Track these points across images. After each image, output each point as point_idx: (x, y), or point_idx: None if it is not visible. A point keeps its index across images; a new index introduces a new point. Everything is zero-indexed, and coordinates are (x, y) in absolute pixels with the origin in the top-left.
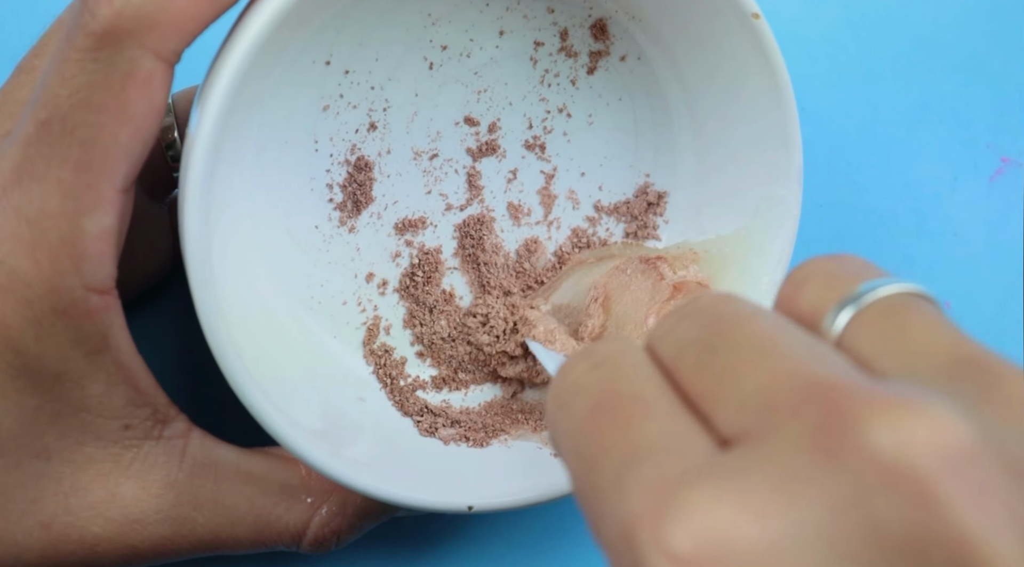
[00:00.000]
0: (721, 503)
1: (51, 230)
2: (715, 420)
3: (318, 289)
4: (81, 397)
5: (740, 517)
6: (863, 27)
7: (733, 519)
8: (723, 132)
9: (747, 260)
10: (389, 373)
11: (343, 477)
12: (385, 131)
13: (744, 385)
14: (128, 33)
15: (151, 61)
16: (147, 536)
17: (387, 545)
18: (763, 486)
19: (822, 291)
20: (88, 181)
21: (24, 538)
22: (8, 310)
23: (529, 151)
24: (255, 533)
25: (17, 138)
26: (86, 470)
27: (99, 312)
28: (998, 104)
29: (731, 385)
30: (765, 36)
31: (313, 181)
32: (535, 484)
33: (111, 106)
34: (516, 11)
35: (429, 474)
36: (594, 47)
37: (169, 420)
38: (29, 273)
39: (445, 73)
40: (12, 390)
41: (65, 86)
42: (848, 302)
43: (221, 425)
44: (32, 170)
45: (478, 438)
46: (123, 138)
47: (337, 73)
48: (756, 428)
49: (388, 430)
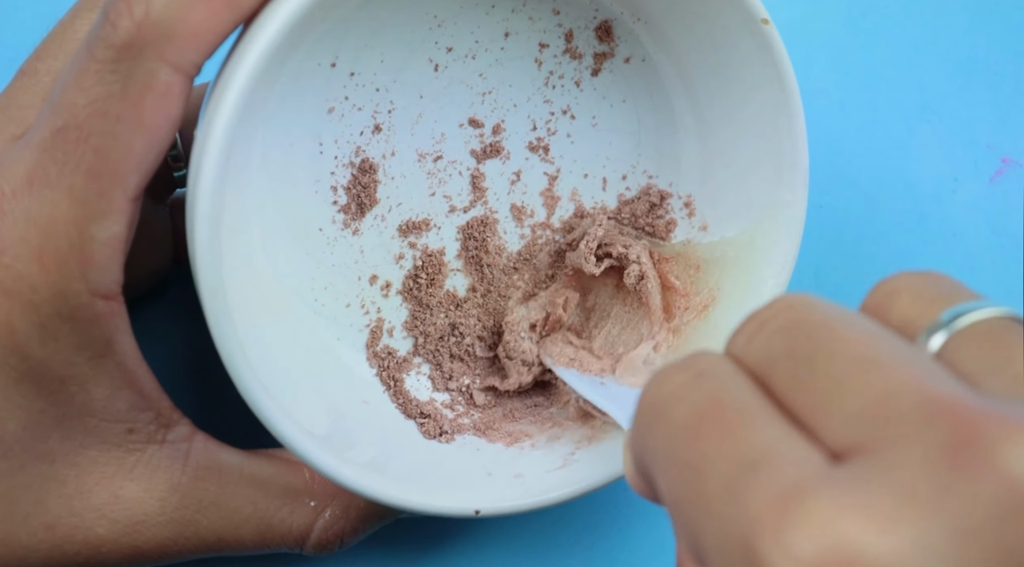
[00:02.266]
0: (846, 511)
1: (60, 236)
2: (822, 433)
3: (322, 291)
4: (85, 401)
5: (866, 527)
6: (863, 27)
7: (859, 528)
8: (728, 135)
9: (752, 263)
10: (392, 375)
11: (349, 482)
12: (390, 133)
13: (854, 398)
14: (148, 45)
15: (169, 73)
16: (151, 538)
17: (389, 547)
18: (889, 498)
19: (917, 307)
20: (100, 189)
21: (29, 539)
22: (14, 314)
23: (533, 153)
24: (258, 536)
25: (32, 143)
26: (90, 473)
27: (104, 317)
28: (998, 104)
29: (839, 398)
30: (774, 42)
31: (318, 183)
32: (541, 487)
33: (128, 117)
34: (522, 13)
35: (434, 478)
36: (599, 49)
37: (173, 424)
38: (35, 277)
39: (450, 75)
40: (17, 393)
41: (83, 95)
42: (947, 320)
43: (224, 428)
44: (44, 176)
45: (482, 440)
46: (137, 148)
47: (342, 75)
48: (872, 441)
49: (392, 433)
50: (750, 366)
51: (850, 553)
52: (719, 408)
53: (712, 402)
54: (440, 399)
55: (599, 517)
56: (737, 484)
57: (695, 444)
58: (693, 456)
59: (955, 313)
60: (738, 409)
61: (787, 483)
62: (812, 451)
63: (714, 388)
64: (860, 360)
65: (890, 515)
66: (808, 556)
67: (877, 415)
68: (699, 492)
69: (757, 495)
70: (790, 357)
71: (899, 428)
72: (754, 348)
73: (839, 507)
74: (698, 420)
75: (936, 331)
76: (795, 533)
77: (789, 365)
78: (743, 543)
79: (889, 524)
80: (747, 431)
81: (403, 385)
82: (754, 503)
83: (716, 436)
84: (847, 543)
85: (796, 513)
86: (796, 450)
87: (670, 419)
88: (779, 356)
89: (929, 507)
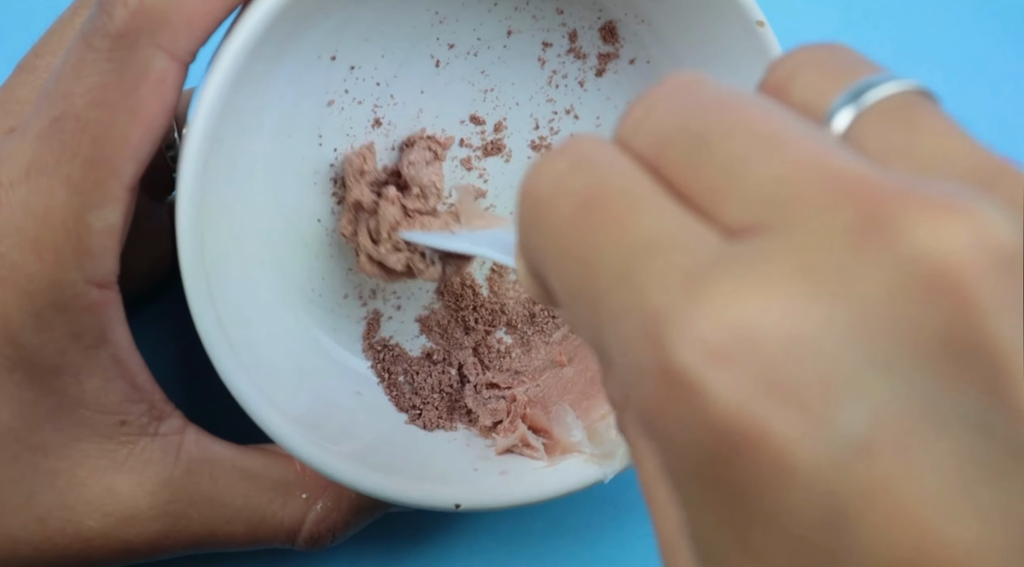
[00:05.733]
0: (750, 292)
1: (56, 224)
2: (718, 215)
3: (319, 282)
4: (78, 392)
5: (771, 306)
6: (863, 27)
7: (764, 308)
8: None
9: None
10: (387, 368)
11: (329, 470)
12: (390, 128)
13: (753, 177)
14: (142, 33)
15: (164, 61)
16: (142, 531)
17: (381, 541)
18: (792, 276)
19: (817, 84)
20: (97, 178)
21: (19, 532)
22: (8, 302)
23: (535, 151)
24: (250, 529)
25: (29, 133)
26: (82, 465)
27: (99, 307)
28: (998, 104)
29: (736, 178)
30: (769, 43)
31: (316, 175)
32: (524, 485)
33: (124, 105)
34: (525, 11)
35: (419, 470)
36: (603, 49)
37: (165, 416)
38: (31, 266)
39: (452, 71)
40: (10, 383)
41: (80, 84)
42: (850, 98)
43: (216, 421)
44: (41, 165)
45: (472, 433)
46: (134, 137)
47: (343, 69)
48: (774, 220)
49: (383, 424)
50: (639, 151)
51: (756, 333)
52: (605, 195)
53: (597, 189)
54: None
55: (598, 515)
56: (632, 273)
57: (582, 236)
58: (581, 249)
59: (857, 89)
60: (626, 194)
61: (684, 266)
62: (709, 233)
63: (598, 174)
64: (760, 137)
65: (793, 295)
66: (716, 340)
67: (779, 193)
68: (593, 286)
69: (653, 282)
70: (682, 138)
71: (802, 206)
72: (643, 132)
73: (743, 287)
74: (583, 210)
75: (839, 111)
76: (700, 320)
77: (681, 147)
78: (645, 332)
79: (792, 304)
80: (637, 216)
81: (397, 378)
82: (651, 290)
83: (604, 225)
84: (753, 323)
85: (698, 298)
86: (691, 233)
87: (553, 213)
88: (670, 138)
89: (833, 286)
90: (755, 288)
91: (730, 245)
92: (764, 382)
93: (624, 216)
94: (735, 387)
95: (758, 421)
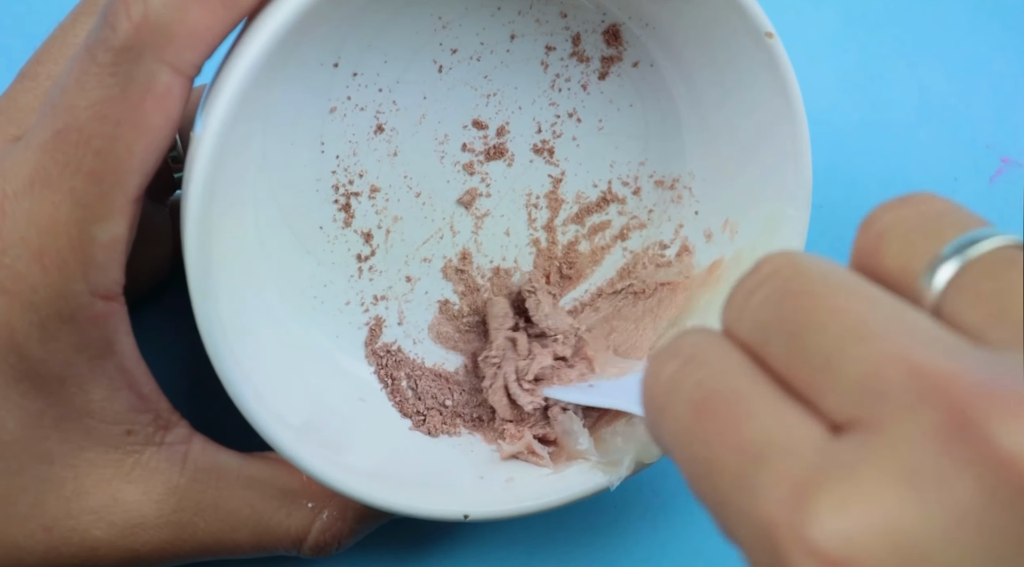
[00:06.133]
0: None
1: (60, 236)
2: (820, 404)
3: (321, 289)
4: (84, 402)
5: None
6: (863, 27)
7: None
8: (733, 146)
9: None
10: (391, 374)
11: (336, 484)
12: (392, 134)
13: (844, 373)
14: (146, 47)
15: (169, 75)
16: (148, 540)
17: (387, 547)
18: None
19: (910, 246)
20: (101, 191)
21: (26, 541)
22: (14, 314)
23: (537, 155)
24: (256, 538)
25: (32, 144)
26: (88, 475)
27: (104, 318)
28: (998, 104)
29: (829, 373)
30: (778, 55)
31: (319, 182)
32: (531, 493)
33: (128, 119)
34: (528, 15)
35: (425, 479)
36: (606, 53)
37: (171, 426)
38: (36, 278)
39: (454, 76)
40: (16, 394)
41: (83, 97)
42: (943, 260)
43: (222, 430)
44: (46, 177)
45: (477, 439)
46: (138, 150)
47: (345, 75)
48: (868, 417)
49: (387, 432)
50: (743, 340)
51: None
52: (716, 396)
53: (708, 391)
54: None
55: (599, 518)
56: (746, 482)
57: (700, 441)
58: (700, 452)
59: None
60: (735, 394)
61: (793, 474)
62: (815, 429)
63: (706, 376)
64: (848, 330)
65: (893, 502)
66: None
67: (869, 388)
68: (714, 488)
69: (766, 490)
70: (780, 330)
71: (893, 404)
72: (745, 321)
73: (845, 497)
74: (698, 414)
75: (933, 277)
76: (812, 530)
77: (780, 339)
78: (766, 541)
79: (893, 512)
80: (748, 419)
81: (400, 383)
82: (765, 502)
83: (717, 430)
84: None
85: (808, 509)
86: (797, 433)
87: (670, 415)
88: (770, 329)
89: (930, 492)
90: (858, 498)
91: (832, 444)
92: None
93: (735, 420)
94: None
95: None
